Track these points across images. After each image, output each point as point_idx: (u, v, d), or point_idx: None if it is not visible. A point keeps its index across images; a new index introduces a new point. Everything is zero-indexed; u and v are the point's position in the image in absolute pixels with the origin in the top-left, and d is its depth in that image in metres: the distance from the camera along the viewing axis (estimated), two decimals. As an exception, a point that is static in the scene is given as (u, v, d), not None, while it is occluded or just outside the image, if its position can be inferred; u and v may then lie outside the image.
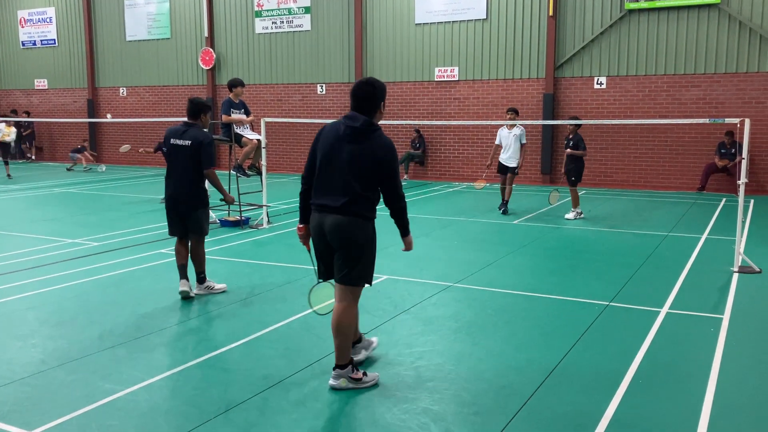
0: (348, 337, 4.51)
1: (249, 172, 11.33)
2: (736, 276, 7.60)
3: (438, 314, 6.16)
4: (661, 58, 16.26)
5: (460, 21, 18.25)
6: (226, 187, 7.18)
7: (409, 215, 4.80)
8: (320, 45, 20.24)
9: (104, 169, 22.01)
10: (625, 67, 16.66)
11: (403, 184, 4.90)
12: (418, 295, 6.75)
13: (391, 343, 5.38)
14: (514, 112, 12.38)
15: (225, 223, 10.90)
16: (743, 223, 8.79)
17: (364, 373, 4.58)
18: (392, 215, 4.59)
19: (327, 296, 4.73)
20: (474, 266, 8.05)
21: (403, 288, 7.05)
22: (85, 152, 22.36)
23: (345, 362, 4.52)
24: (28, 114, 24.51)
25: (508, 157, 12.43)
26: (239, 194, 10.73)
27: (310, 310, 4.78)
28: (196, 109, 6.75)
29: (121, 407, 4.19)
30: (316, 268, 4.69)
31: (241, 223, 10.84)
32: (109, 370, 4.78)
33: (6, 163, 19.22)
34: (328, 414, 4.14)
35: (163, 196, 7.07)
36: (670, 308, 6.34)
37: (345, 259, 4.42)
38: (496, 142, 12.70)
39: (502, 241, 9.80)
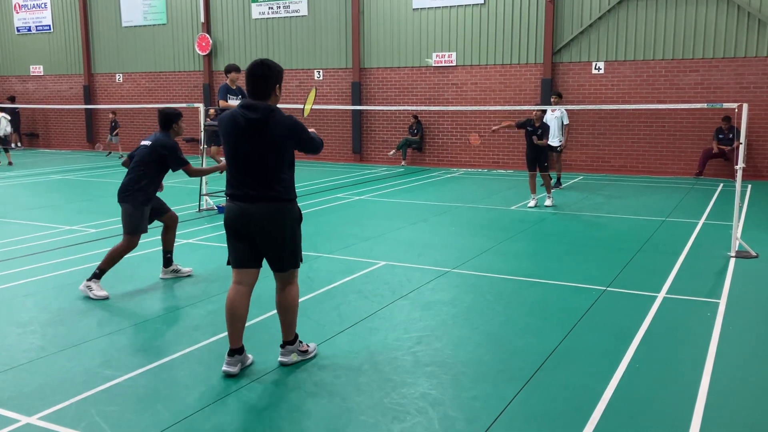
0: (294, 314, 4.67)
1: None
2: (733, 261, 7.62)
3: (436, 299, 6.18)
4: (659, 42, 16.21)
5: (458, 6, 18.15)
6: (222, 174, 7.18)
7: (407, 201, 4.88)
8: (317, 30, 20.14)
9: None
10: (623, 52, 16.60)
11: (401, 170, 4.98)
12: (416, 281, 6.76)
13: (390, 328, 5.40)
14: (558, 96, 13.99)
15: (222, 210, 10.87)
16: (740, 208, 8.80)
17: (307, 345, 4.82)
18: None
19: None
20: (472, 252, 8.07)
21: (401, 273, 7.06)
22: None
23: (292, 338, 4.69)
24: (13, 100, 24.32)
25: (552, 137, 13.29)
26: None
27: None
28: (167, 119, 6.65)
29: (121, 393, 4.21)
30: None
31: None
32: (108, 356, 4.80)
33: (6, 150, 19.25)
34: (327, 398, 4.16)
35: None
36: (667, 293, 6.36)
37: (278, 248, 4.45)
38: None
39: (499, 227, 9.80)
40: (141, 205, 6.50)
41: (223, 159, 5.91)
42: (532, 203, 11.46)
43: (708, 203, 11.88)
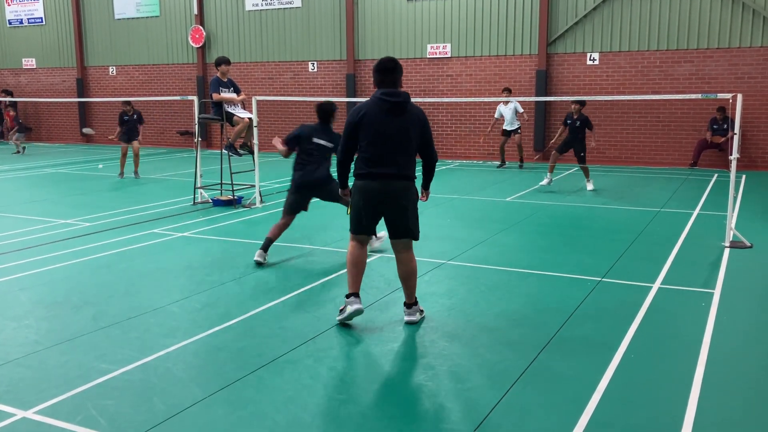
0: (416, 278, 5.31)
1: (241, 151, 11.28)
2: (727, 251, 7.65)
3: (431, 291, 6.18)
4: (653, 33, 16.20)
5: (452, -3, 18.10)
6: (217, 167, 7.19)
7: None
8: (311, 22, 20.06)
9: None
10: (617, 43, 16.59)
11: None
12: (411, 273, 6.75)
13: (385, 320, 5.41)
14: (508, 91, 15.72)
15: (217, 203, 10.87)
16: (734, 198, 8.82)
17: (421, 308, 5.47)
18: (429, 169, 5.32)
19: None
20: (467, 243, 8.07)
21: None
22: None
23: (414, 300, 5.32)
24: (11, 94, 24.16)
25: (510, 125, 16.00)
26: (231, 173, 10.69)
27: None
28: (328, 113, 7.34)
29: (116, 386, 4.20)
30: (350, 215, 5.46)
31: (233, 203, 10.81)
32: (103, 350, 4.79)
33: None
34: (322, 391, 4.17)
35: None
36: (661, 283, 6.38)
37: (407, 218, 5.13)
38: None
39: (494, 219, 9.81)
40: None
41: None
42: (590, 186, 12.36)
43: (702, 194, 11.90)
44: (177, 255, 7.62)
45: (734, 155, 7.96)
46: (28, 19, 24.97)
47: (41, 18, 24.71)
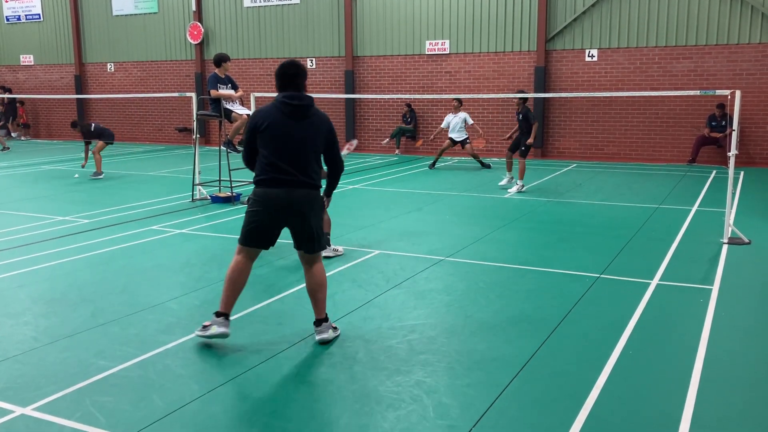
0: (325, 291, 4.96)
1: (239, 148, 11.27)
2: (725, 247, 7.65)
3: (430, 288, 6.19)
4: (652, 30, 16.20)
5: (451, -7, 18.08)
6: (215, 163, 7.17)
7: (401, 190, 5.00)
8: (310, 18, 20.03)
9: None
10: (616, 39, 16.59)
11: (394, 159, 5.17)
12: (410, 269, 6.77)
13: (384, 316, 5.41)
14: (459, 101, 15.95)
15: (216, 199, 10.86)
16: (733, 194, 8.83)
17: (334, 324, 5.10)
18: (334, 177, 5.05)
19: None
20: (466, 240, 8.07)
21: (395, 262, 7.07)
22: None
23: (325, 315, 4.91)
24: (10, 91, 24.12)
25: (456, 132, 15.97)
26: (230, 170, 10.67)
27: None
28: None
29: (115, 383, 4.20)
30: None
31: (232, 200, 10.81)
32: (101, 347, 4.78)
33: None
34: (321, 387, 4.17)
35: None
36: (660, 280, 6.39)
37: (311, 230, 4.76)
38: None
39: (493, 215, 9.82)
40: None
41: None
42: (513, 189, 11.87)
43: (701, 190, 11.91)
44: (175, 252, 7.62)
45: (733, 152, 7.97)
46: (26, 15, 24.91)
47: (39, 14, 24.65)
